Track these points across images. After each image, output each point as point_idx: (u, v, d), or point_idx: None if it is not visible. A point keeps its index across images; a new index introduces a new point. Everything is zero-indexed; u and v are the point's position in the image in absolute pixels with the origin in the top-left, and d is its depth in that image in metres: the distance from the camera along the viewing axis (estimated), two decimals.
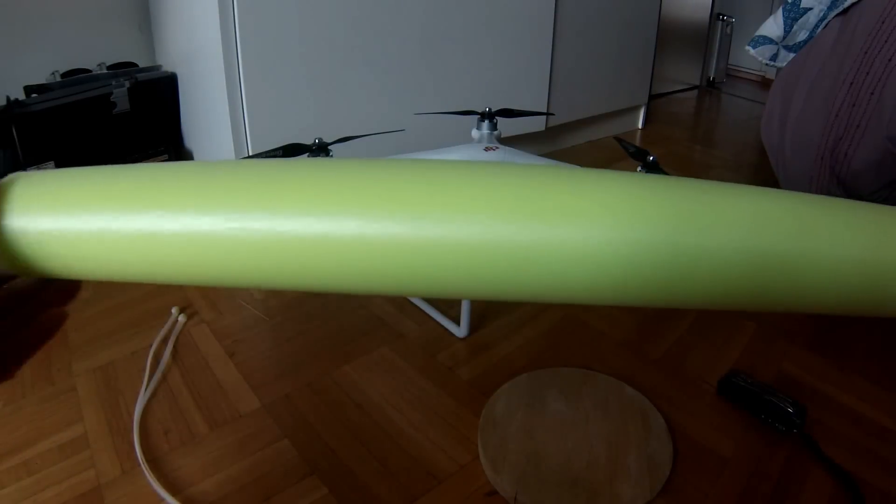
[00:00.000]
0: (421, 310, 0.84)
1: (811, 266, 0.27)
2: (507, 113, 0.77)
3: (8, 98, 0.93)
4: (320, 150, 0.64)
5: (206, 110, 1.05)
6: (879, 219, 0.28)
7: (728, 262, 0.27)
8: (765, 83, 2.36)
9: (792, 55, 1.03)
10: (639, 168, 0.61)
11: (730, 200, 0.28)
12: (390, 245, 0.28)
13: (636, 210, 0.28)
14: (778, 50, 1.06)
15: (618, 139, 0.66)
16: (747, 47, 1.09)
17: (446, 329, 0.79)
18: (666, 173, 0.61)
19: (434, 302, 0.84)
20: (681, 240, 0.27)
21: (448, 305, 0.83)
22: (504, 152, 0.63)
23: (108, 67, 1.14)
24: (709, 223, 0.27)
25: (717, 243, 0.27)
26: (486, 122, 0.75)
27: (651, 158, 0.60)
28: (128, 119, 1.05)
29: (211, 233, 0.29)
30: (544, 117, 1.42)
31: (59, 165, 0.97)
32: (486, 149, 0.64)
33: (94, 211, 0.31)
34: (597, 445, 0.60)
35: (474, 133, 0.77)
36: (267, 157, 0.62)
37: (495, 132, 0.75)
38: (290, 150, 0.62)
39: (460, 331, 0.78)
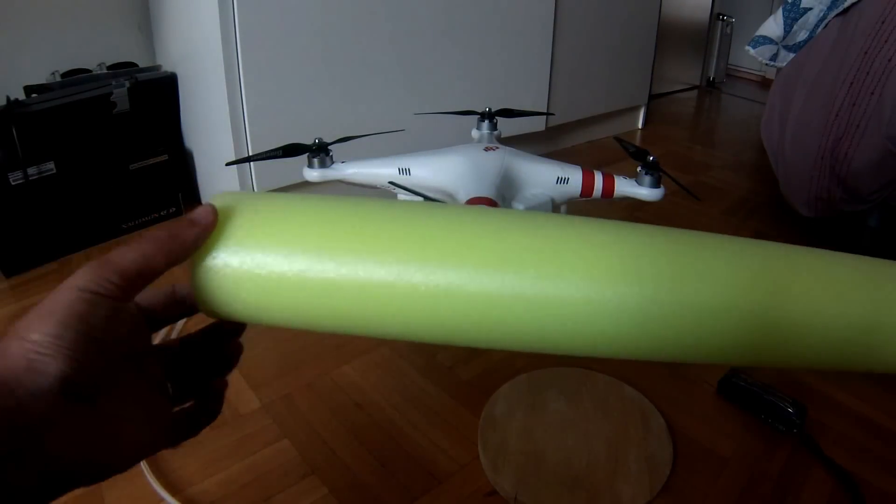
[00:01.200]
0: None
1: (805, 327, 0.27)
2: (507, 113, 0.77)
3: (8, 98, 0.93)
4: (320, 150, 0.64)
5: (206, 110, 1.05)
6: (873, 275, 0.28)
7: (717, 322, 0.27)
8: (765, 83, 2.36)
9: (792, 55, 1.03)
10: (639, 168, 0.61)
11: (720, 255, 0.28)
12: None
13: (626, 264, 0.27)
14: (778, 50, 1.06)
15: (618, 139, 0.66)
16: (747, 47, 1.09)
17: None
18: (666, 173, 0.61)
19: None
20: (669, 296, 0.27)
21: None
22: (503, 152, 0.63)
23: (108, 67, 1.14)
24: (698, 279, 0.27)
25: (707, 301, 0.27)
26: (486, 122, 0.75)
27: (651, 158, 0.60)
28: (128, 119, 1.05)
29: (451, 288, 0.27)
30: (544, 117, 1.42)
31: (58, 165, 0.97)
32: (486, 148, 0.63)
33: (316, 253, 0.27)
34: (597, 445, 0.60)
35: (474, 133, 0.76)
36: (266, 157, 0.62)
37: (495, 132, 0.75)
38: (290, 150, 0.62)
39: None
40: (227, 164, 0.71)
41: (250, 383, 0.69)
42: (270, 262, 0.27)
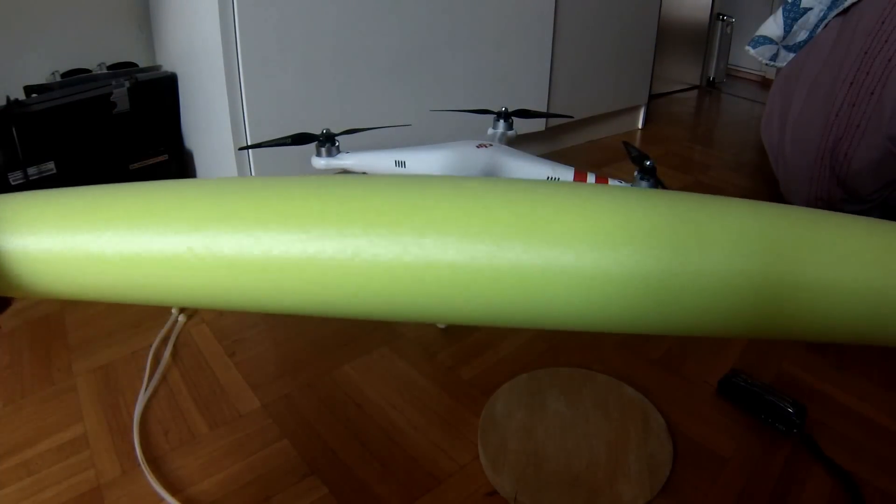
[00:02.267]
0: None
1: (814, 293, 0.26)
2: (524, 113, 0.77)
3: (8, 98, 0.93)
4: (327, 139, 0.67)
5: (206, 110, 1.05)
6: (884, 238, 0.27)
7: (725, 289, 0.26)
8: (765, 83, 2.36)
9: (792, 55, 1.03)
10: (635, 173, 0.61)
11: (728, 218, 0.27)
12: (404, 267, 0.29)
13: (627, 231, 0.27)
14: (778, 50, 1.06)
15: (625, 143, 0.66)
16: (747, 47, 1.09)
17: (446, 328, 0.79)
18: (659, 181, 0.61)
19: None
20: (675, 263, 0.26)
21: None
22: (494, 150, 0.63)
23: (108, 67, 1.14)
24: (705, 245, 0.26)
25: (714, 267, 0.26)
26: (502, 121, 0.76)
27: (648, 163, 0.60)
28: (128, 119, 1.05)
29: (221, 254, 0.30)
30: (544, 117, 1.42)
31: (59, 165, 0.97)
32: (479, 146, 0.64)
33: (88, 231, 0.31)
34: (597, 445, 0.60)
35: (490, 131, 0.78)
36: (277, 144, 0.65)
37: (510, 132, 0.76)
38: (299, 139, 0.66)
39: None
40: (241, 149, 0.74)
41: (250, 383, 0.70)
42: (37, 241, 0.31)
